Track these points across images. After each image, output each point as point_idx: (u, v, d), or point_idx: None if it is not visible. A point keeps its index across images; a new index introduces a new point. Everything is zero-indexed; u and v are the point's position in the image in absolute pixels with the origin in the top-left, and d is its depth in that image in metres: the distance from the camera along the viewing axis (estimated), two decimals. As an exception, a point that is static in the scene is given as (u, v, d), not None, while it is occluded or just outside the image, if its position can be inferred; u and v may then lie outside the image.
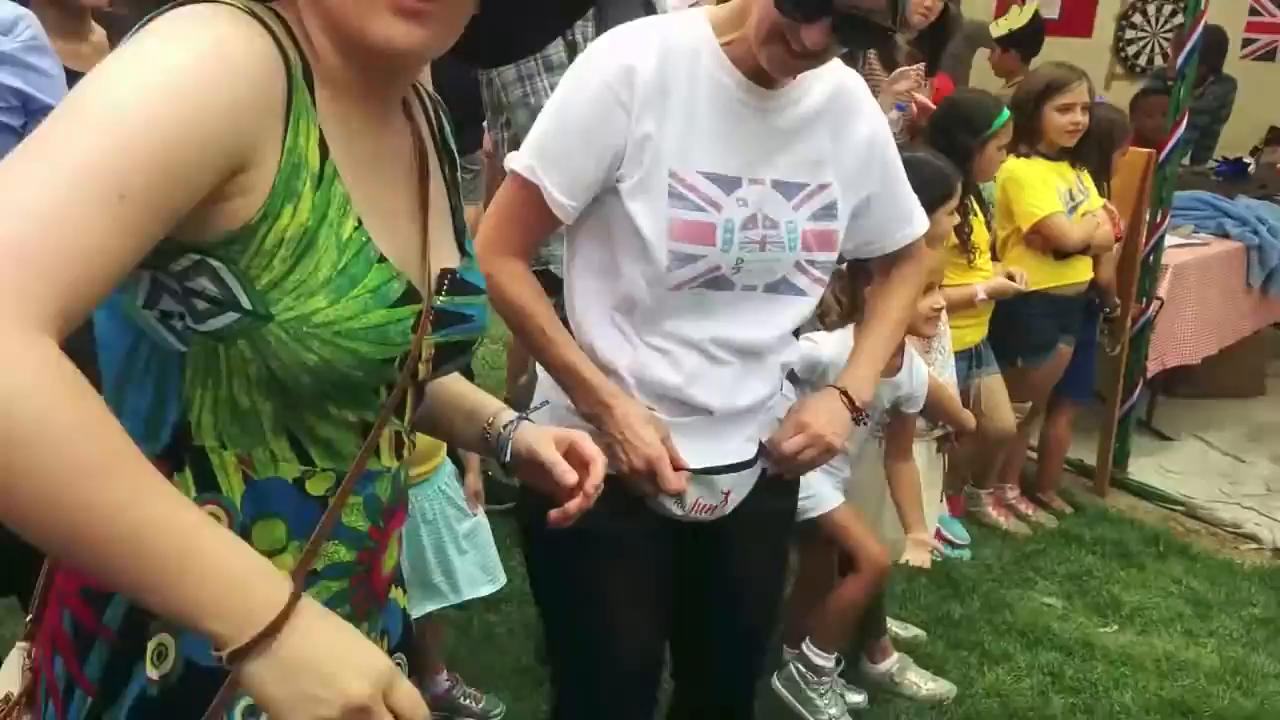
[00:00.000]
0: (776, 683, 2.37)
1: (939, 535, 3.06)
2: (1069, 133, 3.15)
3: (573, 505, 1.05)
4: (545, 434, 1.09)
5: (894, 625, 2.72)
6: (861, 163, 1.50)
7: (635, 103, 1.34)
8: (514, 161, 1.42)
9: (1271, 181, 4.80)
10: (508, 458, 1.10)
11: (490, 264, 1.41)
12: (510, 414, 1.12)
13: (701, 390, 1.46)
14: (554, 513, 1.06)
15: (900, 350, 2.17)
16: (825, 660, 2.33)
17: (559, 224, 1.42)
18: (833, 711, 2.32)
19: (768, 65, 1.34)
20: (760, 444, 1.56)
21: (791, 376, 1.82)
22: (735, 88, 1.38)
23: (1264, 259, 4.18)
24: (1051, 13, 6.17)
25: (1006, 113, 2.92)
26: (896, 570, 2.86)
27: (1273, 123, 5.25)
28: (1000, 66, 4.71)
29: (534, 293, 1.45)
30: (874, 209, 1.55)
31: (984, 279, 2.97)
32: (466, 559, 2.08)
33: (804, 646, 2.34)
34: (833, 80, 1.47)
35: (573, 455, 1.08)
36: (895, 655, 2.56)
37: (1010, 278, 2.99)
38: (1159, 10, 5.94)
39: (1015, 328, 3.21)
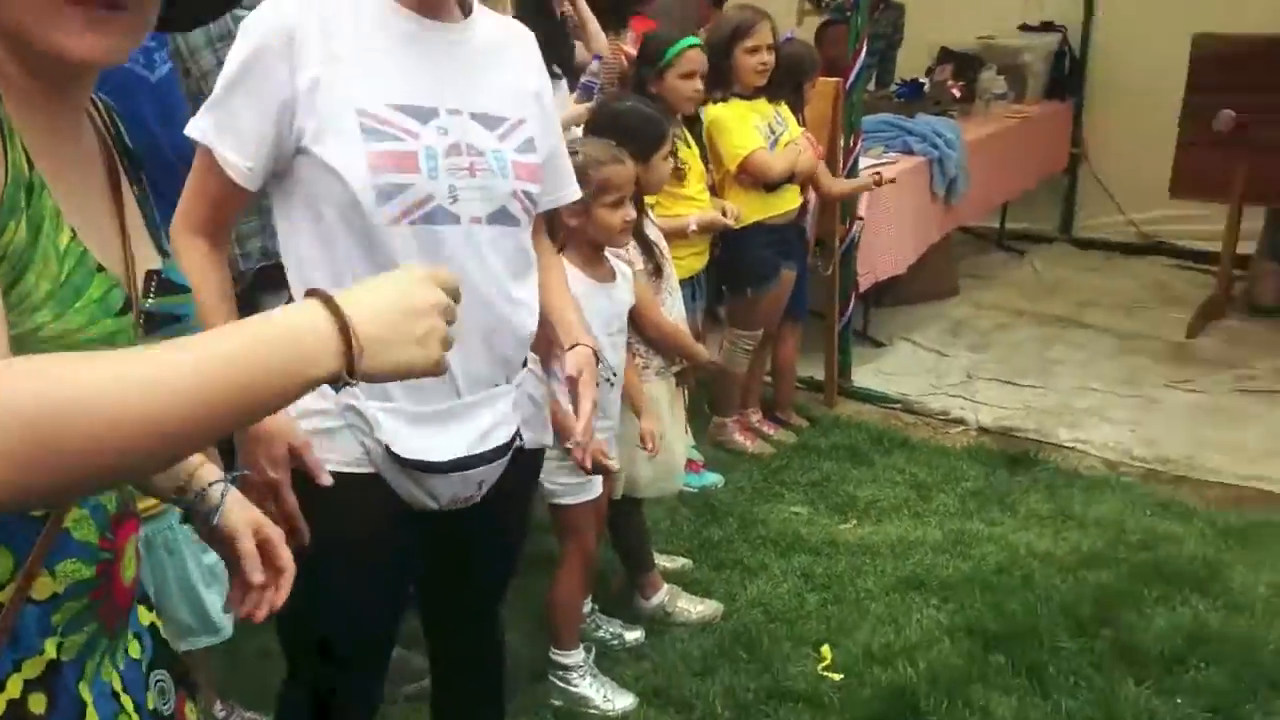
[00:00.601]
0: (552, 690, 2.45)
1: (692, 464, 3.25)
2: (759, 72, 3.35)
3: (259, 614, 1.05)
4: (246, 521, 1.07)
5: (661, 559, 2.88)
6: (540, 112, 1.56)
7: (295, 52, 1.35)
8: (190, 127, 1.40)
9: (945, 98, 5.31)
10: (216, 522, 1.06)
11: (174, 241, 1.39)
12: (212, 471, 1.08)
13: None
14: (234, 603, 1.06)
15: (604, 259, 2.31)
16: (571, 658, 2.44)
17: (245, 193, 1.41)
18: (602, 695, 2.42)
19: None
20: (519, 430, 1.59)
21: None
22: (402, 19, 1.41)
23: (945, 170, 4.64)
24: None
25: (682, 43, 3.04)
26: (659, 506, 3.05)
27: (942, 44, 5.78)
28: (705, 18, 4.93)
29: (204, 274, 1.40)
30: (549, 163, 1.60)
31: (700, 207, 3.11)
32: (214, 592, 1.99)
33: (550, 654, 2.43)
34: (505, 26, 1.55)
35: (266, 551, 1.07)
36: (665, 587, 2.73)
37: (723, 213, 3.18)
38: (832, -53, 6.35)
39: (741, 260, 3.42)
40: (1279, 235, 4.86)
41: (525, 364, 1.62)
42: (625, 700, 2.41)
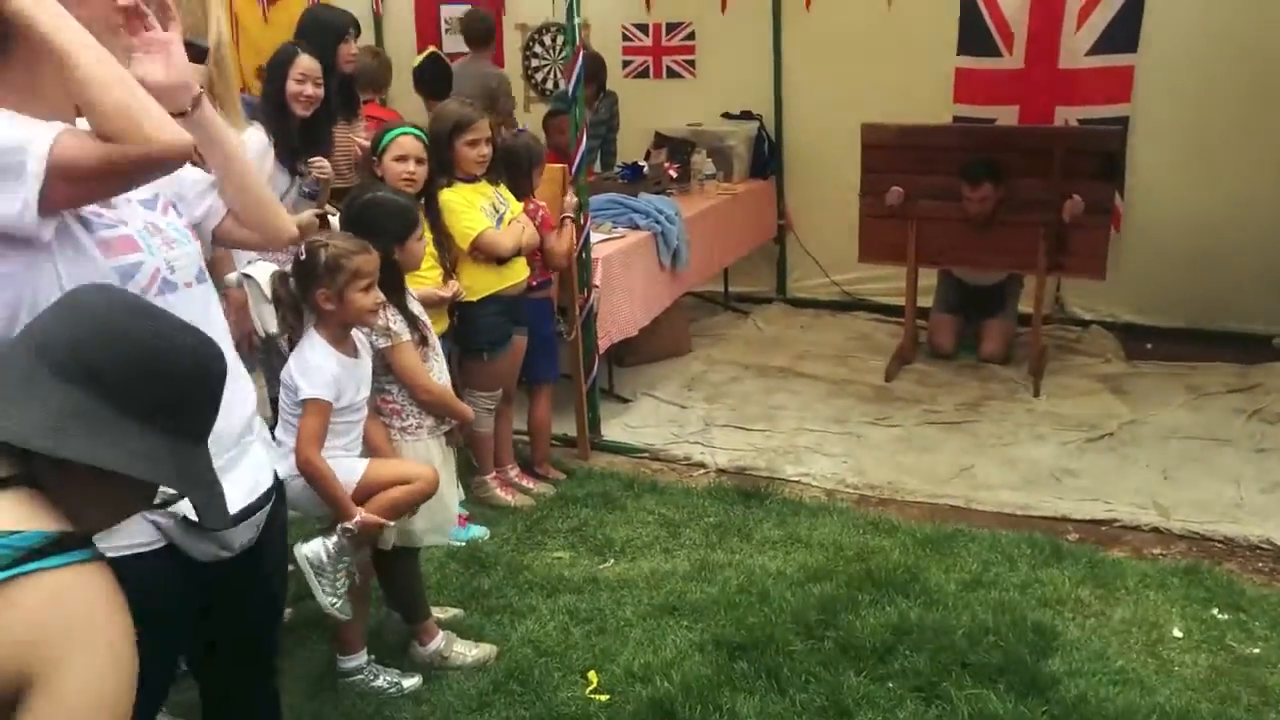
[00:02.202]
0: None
1: (459, 518, 3.42)
2: (478, 163, 3.64)
3: None
4: None
5: (434, 610, 3.01)
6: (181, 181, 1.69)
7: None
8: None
9: (663, 179, 5.83)
10: None
11: None
12: None
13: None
14: None
15: (349, 336, 2.56)
16: (355, 661, 2.67)
17: None
18: (383, 681, 2.69)
19: None
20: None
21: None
22: None
23: (668, 242, 5.11)
24: (462, 47, 6.84)
25: (396, 131, 3.33)
26: (428, 562, 3.19)
27: (656, 129, 6.35)
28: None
29: None
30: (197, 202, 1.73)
31: (426, 282, 3.33)
32: None
33: (338, 661, 2.66)
34: None
35: None
36: (441, 634, 2.87)
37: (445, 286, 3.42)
38: (553, 40, 6.85)
39: (476, 328, 3.67)
40: (949, 291, 5.67)
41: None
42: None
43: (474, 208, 3.62)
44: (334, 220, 3.30)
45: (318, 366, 2.47)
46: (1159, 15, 5.46)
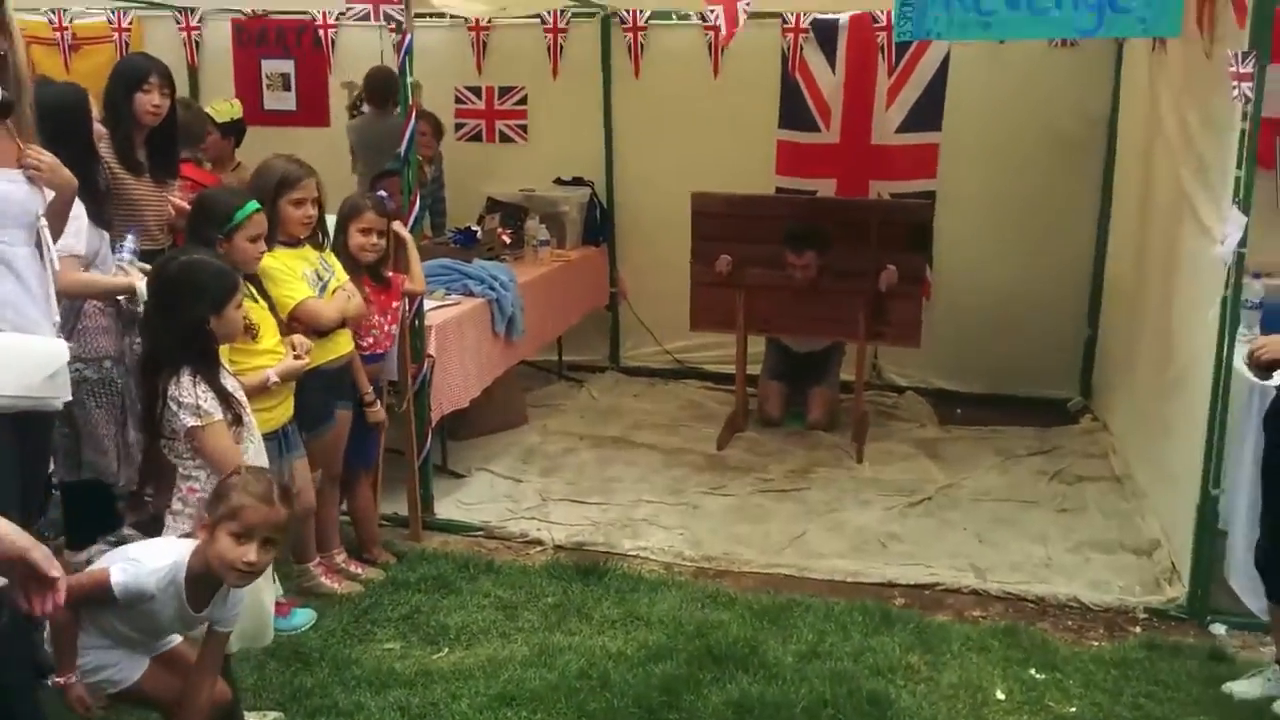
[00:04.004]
0: None
1: (280, 607, 3.20)
2: (303, 224, 3.48)
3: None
4: None
5: (251, 716, 2.79)
6: None
7: None
8: None
9: (497, 244, 5.77)
10: None
11: None
12: None
13: None
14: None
15: (212, 587, 2.29)
16: None
17: None
18: None
19: None
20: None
21: None
22: None
23: (502, 309, 5.03)
24: (289, 105, 6.63)
25: (250, 207, 3.11)
26: (246, 662, 2.95)
27: (488, 194, 6.30)
28: (213, 150, 4.90)
29: None
30: None
31: (274, 359, 3.15)
32: None
33: None
34: None
35: None
36: (258, 745, 2.65)
37: (293, 347, 3.22)
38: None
39: (296, 405, 3.39)
40: (776, 358, 5.83)
41: None
42: None
43: (295, 275, 3.45)
44: (140, 286, 3.06)
45: (145, 572, 2.16)
46: (957, 95, 5.87)
